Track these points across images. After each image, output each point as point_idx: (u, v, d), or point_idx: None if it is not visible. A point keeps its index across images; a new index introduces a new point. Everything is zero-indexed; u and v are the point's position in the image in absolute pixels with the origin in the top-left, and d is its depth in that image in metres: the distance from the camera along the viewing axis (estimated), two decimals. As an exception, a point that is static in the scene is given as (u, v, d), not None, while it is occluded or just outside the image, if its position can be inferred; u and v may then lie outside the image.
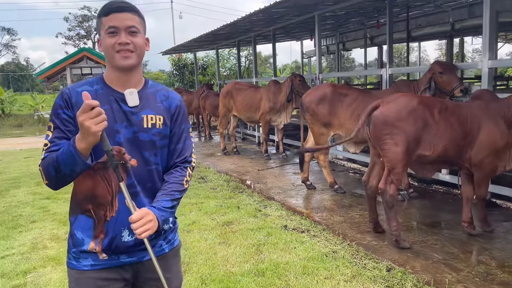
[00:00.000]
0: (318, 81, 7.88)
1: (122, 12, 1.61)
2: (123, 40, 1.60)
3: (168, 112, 1.75)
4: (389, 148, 3.89)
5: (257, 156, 9.09)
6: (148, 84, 1.77)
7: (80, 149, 1.47)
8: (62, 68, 15.81)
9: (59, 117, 1.62)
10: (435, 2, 9.65)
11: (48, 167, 1.54)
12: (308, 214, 5.00)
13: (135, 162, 1.66)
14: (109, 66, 1.69)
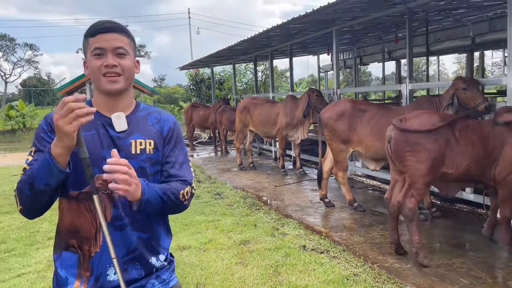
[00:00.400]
0: (336, 96, 7.79)
1: (110, 32, 1.52)
2: (110, 62, 1.51)
3: (160, 135, 1.63)
4: (411, 164, 3.84)
5: (273, 172, 9.00)
6: (139, 108, 1.67)
7: (55, 154, 1.34)
8: (82, 83, 16.07)
9: (41, 141, 1.52)
10: (455, 17, 9.51)
11: (23, 186, 1.41)
12: (327, 234, 4.87)
13: None
14: (97, 90, 1.59)
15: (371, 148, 5.36)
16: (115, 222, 1.53)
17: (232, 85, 18.59)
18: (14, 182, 6.39)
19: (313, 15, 6.32)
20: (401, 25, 9.93)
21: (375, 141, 5.26)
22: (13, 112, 24.59)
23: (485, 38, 9.96)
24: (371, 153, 5.40)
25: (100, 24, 1.54)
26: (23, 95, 61.07)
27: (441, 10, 8.13)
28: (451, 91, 4.87)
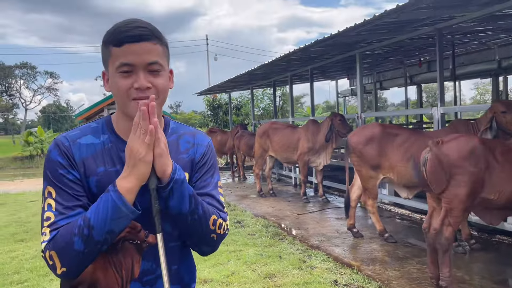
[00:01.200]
0: (360, 120, 7.53)
1: (141, 42, 1.16)
2: (142, 83, 1.17)
3: (192, 163, 1.34)
4: (450, 189, 3.62)
5: (294, 199, 8.68)
6: (168, 129, 1.35)
7: (124, 190, 1.10)
8: (101, 109, 16.15)
9: (62, 179, 1.18)
10: (481, 40, 9.28)
11: (72, 242, 1.10)
12: (358, 267, 4.52)
13: (153, 239, 1.22)
14: (121, 113, 1.26)
15: (404, 175, 5.05)
16: (143, 277, 1.25)
17: (249, 110, 18.50)
18: (30, 209, 6.22)
19: (337, 37, 6.15)
20: (424, 49, 9.73)
21: (409, 167, 4.95)
22: (32, 138, 24.87)
23: (512, 62, 9.66)
24: (404, 180, 5.09)
25: (127, 30, 1.16)
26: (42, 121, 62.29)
27: (467, 32, 7.91)
28: (489, 114, 4.58)
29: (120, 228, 1.15)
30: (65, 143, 1.22)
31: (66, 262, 1.11)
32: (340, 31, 5.80)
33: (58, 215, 1.15)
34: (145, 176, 1.13)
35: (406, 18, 5.46)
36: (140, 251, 1.24)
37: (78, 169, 1.21)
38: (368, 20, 5.21)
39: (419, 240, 5.44)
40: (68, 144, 1.22)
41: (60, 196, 1.17)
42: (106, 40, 1.21)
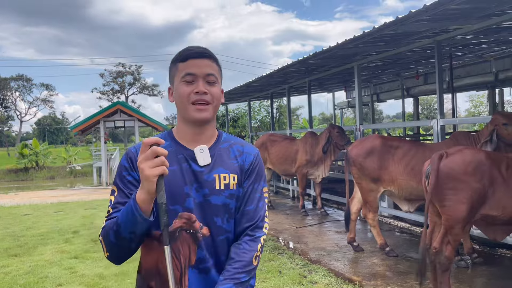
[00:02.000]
0: (358, 132, 7.49)
1: (201, 58, 1.45)
2: (200, 89, 1.42)
3: (242, 169, 1.52)
4: (451, 205, 3.54)
5: (293, 212, 8.59)
6: (221, 138, 1.56)
7: (139, 201, 1.28)
8: (96, 121, 16.09)
9: (123, 180, 1.44)
10: (477, 52, 9.33)
11: (109, 233, 1.35)
12: (360, 282, 4.43)
13: (207, 231, 1.43)
14: (180, 119, 1.50)
15: (405, 188, 4.99)
16: (199, 264, 1.42)
17: (246, 122, 18.48)
18: (25, 222, 6.12)
19: (336, 49, 6.14)
20: (421, 61, 9.77)
21: (410, 180, 4.91)
22: (27, 151, 24.71)
23: (509, 74, 9.71)
24: (405, 193, 5.03)
25: (191, 49, 1.47)
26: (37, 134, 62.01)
27: (465, 45, 7.95)
28: (490, 127, 4.55)
29: (140, 231, 1.32)
30: (132, 150, 1.48)
31: (108, 248, 1.37)
32: (338, 43, 5.80)
33: (113, 209, 1.40)
34: (152, 191, 1.27)
35: (405, 31, 5.47)
36: (196, 241, 1.41)
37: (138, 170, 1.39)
38: (367, 32, 5.21)
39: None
40: (134, 150, 1.47)
41: (118, 194, 1.42)
42: (174, 60, 1.49)
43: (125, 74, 48.65)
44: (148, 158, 1.25)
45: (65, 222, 8.37)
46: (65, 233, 7.27)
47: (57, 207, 10.64)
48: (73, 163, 26.86)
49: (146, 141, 1.28)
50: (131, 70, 48.69)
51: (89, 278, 4.85)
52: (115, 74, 48.57)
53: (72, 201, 11.62)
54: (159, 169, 1.25)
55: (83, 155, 29.97)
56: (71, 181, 21.95)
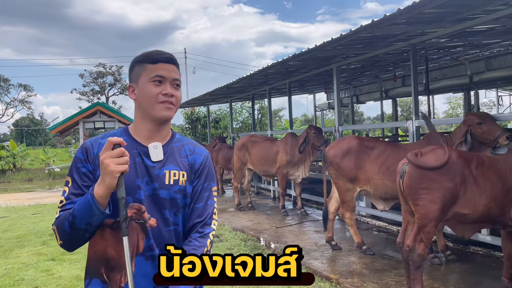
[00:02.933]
0: (337, 133, 7.60)
1: (170, 63, 1.57)
2: (169, 91, 1.54)
3: (192, 168, 1.63)
4: (424, 204, 3.61)
5: (273, 212, 8.65)
6: (174, 138, 1.67)
7: (97, 195, 1.37)
8: (75, 122, 15.86)
9: (78, 171, 1.53)
10: (452, 55, 9.57)
11: (63, 223, 1.43)
12: (337, 280, 4.51)
13: (154, 222, 1.52)
14: (141, 117, 1.60)
15: (380, 187, 5.10)
16: (146, 252, 1.51)
17: (227, 123, 18.48)
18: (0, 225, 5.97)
19: (315, 51, 6.23)
20: (398, 64, 9.96)
21: (385, 179, 5.01)
22: (4, 152, 24.14)
23: (483, 77, 9.98)
24: (380, 192, 5.14)
25: (161, 54, 1.57)
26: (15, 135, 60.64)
27: (440, 48, 8.15)
28: (463, 128, 4.66)
29: (96, 222, 1.42)
30: (88, 143, 1.57)
31: (61, 237, 1.45)
32: (317, 46, 5.89)
33: (67, 200, 1.49)
34: (112, 186, 1.37)
35: (381, 34, 5.58)
36: (144, 230, 1.50)
37: (94, 162, 1.53)
38: (345, 35, 5.31)
39: (397, 252, 5.47)
40: (90, 143, 1.57)
41: (72, 185, 1.51)
42: (141, 60, 1.58)
43: (105, 75, 48.00)
44: (113, 156, 1.36)
45: (43, 224, 8.24)
46: (42, 235, 7.16)
47: (35, 209, 10.46)
48: (51, 164, 26.36)
49: (112, 140, 1.38)
50: (112, 71, 48.07)
51: (66, 280, 4.80)
52: (95, 75, 47.88)
53: (50, 203, 11.42)
54: (123, 166, 1.37)
55: (62, 156, 29.41)
56: (49, 183, 21.54)
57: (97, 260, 1.52)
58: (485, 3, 4.52)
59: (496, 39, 7.48)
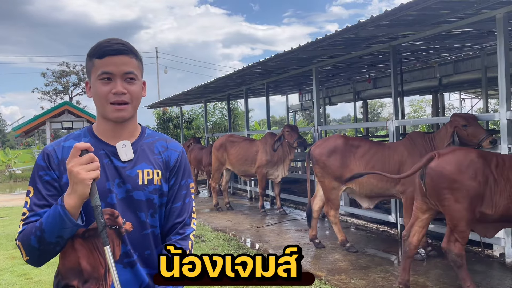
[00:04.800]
0: (317, 133, 7.69)
1: (119, 55, 1.39)
2: (118, 89, 1.38)
3: (167, 165, 1.52)
4: (449, 204, 3.58)
5: (252, 212, 8.64)
6: (144, 134, 1.55)
7: (69, 206, 1.25)
8: (42, 122, 15.28)
9: (40, 180, 1.39)
10: (423, 58, 9.89)
11: (30, 238, 1.29)
12: (325, 277, 4.56)
13: (130, 226, 1.42)
14: (100, 117, 1.47)
15: (366, 186, 5.19)
16: (124, 259, 1.41)
17: (199, 124, 18.32)
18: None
19: (298, 51, 6.27)
20: (372, 66, 10.20)
21: (370, 177, 5.11)
22: (-39, 153, 22.95)
23: (451, 79, 10.38)
24: (366, 190, 5.24)
25: (108, 46, 1.39)
26: (-30, 135, 57.74)
27: (413, 51, 8.40)
28: (450, 129, 4.75)
29: (68, 235, 1.30)
30: (49, 148, 1.44)
31: (28, 253, 1.32)
32: (301, 46, 5.94)
33: (30, 211, 1.35)
34: (85, 195, 1.26)
35: (364, 35, 5.69)
36: (120, 236, 1.40)
37: (58, 168, 1.40)
38: (330, 35, 5.38)
39: (377, 249, 5.61)
40: (52, 148, 1.43)
41: (35, 195, 1.37)
42: (90, 54, 1.41)
43: (69, 74, 46.48)
44: (83, 163, 1.24)
45: (12, 227, 7.88)
46: (13, 239, 6.80)
47: (1, 213, 9.99)
48: (12, 166, 25.27)
49: (79, 146, 1.26)
50: (76, 70, 46.61)
51: (45, 284, 4.61)
52: (58, 74, 46.28)
53: (16, 206, 10.94)
54: (94, 172, 1.26)
55: (23, 158, 28.24)
56: (10, 186, 20.60)
57: (68, 272, 1.41)
58: (466, 7, 4.70)
59: (467, 43, 7.81)
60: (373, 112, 49.47)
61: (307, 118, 36.86)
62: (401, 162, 5.08)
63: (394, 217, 6.15)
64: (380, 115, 49.33)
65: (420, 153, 4.96)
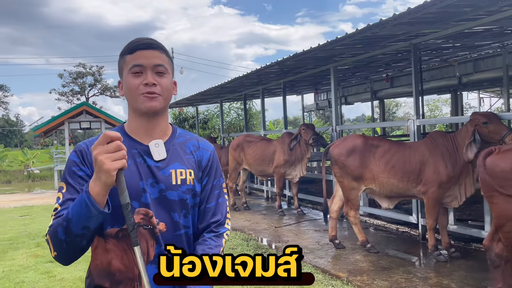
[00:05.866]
0: (335, 133, 7.64)
1: (149, 49, 1.42)
2: (149, 80, 1.39)
3: (199, 165, 1.51)
4: (497, 202, 3.43)
5: (269, 212, 8.63)
6: (176, 133, 1.54)
7: (94, 193, 1.21)
8: (60, 123, 15.50)
9: (73, 175, 1.38)
10: (442, 57, 9.75)
11: (57, 231, 1.26)
12: (347, 278, 4.51)
13: (163, 227, 1.40)
14: (132, 113, 1.47)
15: (386, 186, 5.14)
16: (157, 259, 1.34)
17: (215, 124, 18.38)
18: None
19: (316, 50, 6.24)
20: (390, 65, 10.10)
21: (390, 177, 5.05)
22: (-19, 153, 23.46)
23: (471, 78, 10.22)
24: (386, 190, 5.18)
25: (139, 41, 1.43)
26: (-11, 136, 58.90)
27: (433, 49, 8.29)
28: (470, 127, 4.68)
29: (94, 225, 1.25)
30: (83, 146, 1.43)
31: (56, 247, 1.28)
32: (320, 44, 5.90)
33: (62, 206, 1.32)
34: (109, 184, 1.22)
35: (384, 33, 5.63)
36: (154, 236, 1.39)
37: (91, 166, 1.34)
38: (349, 34, 5.34)
39: (398, 250, 5.54)
40: (85, 146, 1.42)
41: (67, 191, 1.35)
42: (122, 52, 1.44)
43: (85, 75, 47.14)
44: (109, 151, 1.20)
45: (34, 226, 8.01)
46: (35, 237, 6.95)
47: (22, 211, 10.16)
48: (31, 166, 25.72)
49: (108, 133, 1.22)
50: (92, 71, 47.25)
51: (69, 282, 4.67)
52: (75, 75, 46.96)
53: (37, 205, 11.13)
54: (120, 162, 1.21)
55: (41, 158, 28.73)
56: (29, 186, 21.00)
57: (100, 274, 1.40)
58: (490, 4, 4.62)
59: (489, 40, 7.67)
60: (388, 112, 49.07)
61: (322, 118, 36.73)
62: (423, 162, 5.01)
63: (415, 217, 6.07)
64: (395, 115, 48.86)
65: (442, 153, 4.89)
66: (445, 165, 4.85)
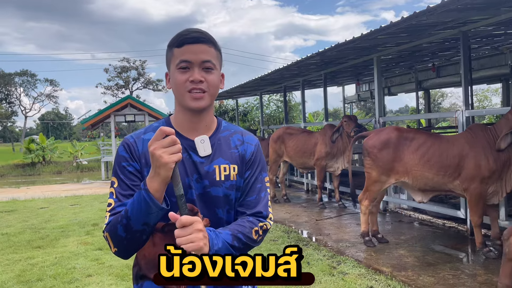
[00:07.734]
0: (378, 125, 7.47)
1: (197, 43, 1.38)
2: (196, 77, 1.37)
3: (242, 159, 1.49)
4: None
5: (309, 204, 8.58)
6: (221, 127, 1.52)
7: (153, 190, 1.24)
8: (107, 116, 16.09)
9: (124, 170, 1.40)
10: (493, 44, 9.26)
11: (116, 228, 1.30)
12: (391, 273, 4.42)
13: (207, 222, 1.39)
14: (178, 106, 1.46)
15: (420, 179, 4.98)
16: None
17: (254, 116, 18.44)
18: (42, 215, 6.14)
19: (358, 40, 6.09)
20: (437, 54, 9.71)
21: (424, 171, 4.90)
22: (34, 146, 24.72)
23: (525, 66, 9.64)
24: (420, 184, 5.02)
25: (187, 34, 1.39)
26: (40, 129, 62.07)
27: (483, 37, 7.89)
28: (511, 118, 4.45)
29: (154, 221, 1.29)
30: (130, 140, 1.44)
31: (116, 244, 1.32)
32: (363, 34, 5.76)
33: (116, 202, 1.36)
34: (167, 179, 1.24)
35: (432, 21, 5.41)
36: None
37: (140, 160, 1.40)
38: (394, 22, 5.17)
39: (445, 246, 5.36)
40: (133, 140, 1.44)
41: (119, 186, 1.38)
42: (170, 44, 1.42)
43: (129, 69, 48.59)
44: (165, 146, 1.22)
45: (83, 215, 8.38)
46: (85, 226, 7.28)
47: (72, 201, 10.66)
48: (79, 158, 26.89)
49: (164, 129, 1.23)
50: (136, 65, 48.63)
51: (117, 269, 4.85)
52: (120, 69, 48.50)
53: (86, 195, 11.64)
54: (176, 155, 1.22)
55: (89, 150, 29.98)
56: (78, 176, 22.01)
57: (147, 264, 1.42)
58: (548, -13, 4.32)
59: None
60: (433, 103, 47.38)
61: (363, 110, 35.98)
62: (461, 156, 4.79)
63: (463, 212, 5.84)
64: (441, 106, 47.11)
65: (482, 146, 4.68)
66: (486, 159, 4.64)
